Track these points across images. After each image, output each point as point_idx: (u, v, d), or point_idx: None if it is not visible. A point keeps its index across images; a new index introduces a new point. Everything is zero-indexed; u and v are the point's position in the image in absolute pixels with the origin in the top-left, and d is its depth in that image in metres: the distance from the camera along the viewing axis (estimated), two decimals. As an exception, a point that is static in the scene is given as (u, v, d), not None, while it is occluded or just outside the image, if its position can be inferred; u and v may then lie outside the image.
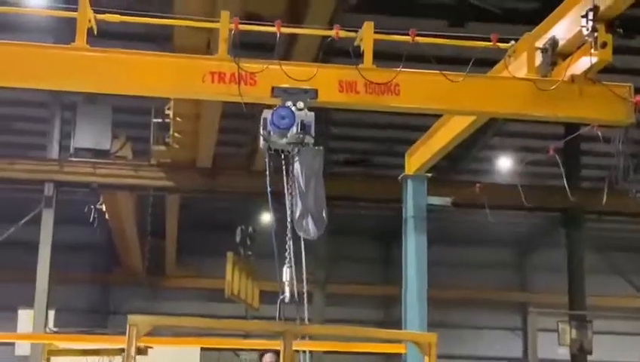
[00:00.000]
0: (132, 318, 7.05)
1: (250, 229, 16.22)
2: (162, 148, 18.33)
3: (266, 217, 19.48)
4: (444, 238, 23.10)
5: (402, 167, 13.54)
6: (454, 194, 14.14)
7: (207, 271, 25.27)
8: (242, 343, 17.13)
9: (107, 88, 8.46)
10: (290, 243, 7.65)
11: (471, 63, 8.43)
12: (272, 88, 8.07)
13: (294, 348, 6.85)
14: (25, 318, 19.55)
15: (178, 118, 16.66)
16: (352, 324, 20.77)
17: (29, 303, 18.77)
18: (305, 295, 7.87)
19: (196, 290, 26.16)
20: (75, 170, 18.94)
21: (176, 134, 17.45)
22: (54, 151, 19.38)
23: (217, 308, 23.01)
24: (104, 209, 20.85)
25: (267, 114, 7.81)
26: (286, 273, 7.41)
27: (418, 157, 12.94)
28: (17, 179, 19.05)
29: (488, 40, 8.66)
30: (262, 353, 9.38)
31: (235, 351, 19.72)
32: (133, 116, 19.89)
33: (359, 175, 22.54)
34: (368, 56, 8.50)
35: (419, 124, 15.33)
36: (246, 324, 9.43)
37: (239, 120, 17.41)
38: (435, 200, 13.49)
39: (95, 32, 8.14)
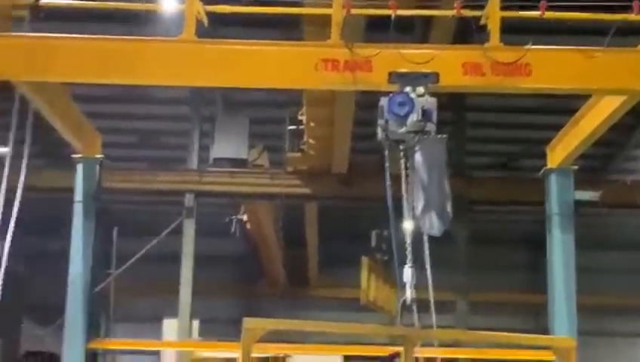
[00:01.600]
0: (247, 321, 6.73)
1: (385, 233, 15.56)
2: (298, 155, 18.04)
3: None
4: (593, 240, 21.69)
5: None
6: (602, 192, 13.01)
7: (350, 279, 24.72)
8: (386, 350, 16.45)
9: (215, 81, 8.09)
10: (409, 241, 7.00)
11: (610, 35, 7.52)
12: (389, 73, 7.45)
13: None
14: (170, 328, 19.67)
15: (312, 123, 16.31)
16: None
17: (174, 314, 18.85)
18: (432, 300, 7.19)
19: (339, 300, 25.65)
20: (214, 179, 18.91)
21: (310, 140, 17.10)
22: (194, 163, 19.48)
23: (362, 317, 22.47)
24: (245, 219, 20.75)
25: (384, 101, 7.20)
26: (407, 274, 6.76)
27: (562, 148, 11.82)
28: (159, 191, 19.20)
29: (629, 9, 7.71)
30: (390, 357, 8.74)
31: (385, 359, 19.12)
32: (269, 126, 19.73)
33: (501, 178, 21.50)
34: (495, 35, 7.75)
35: (559, 123, 14.29)
36: (362, 328, 8.83)
37: (373, 127, 16.91)
38: (583, 195, 12.37)
39: (205, 24, 7.79)
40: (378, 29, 8.28)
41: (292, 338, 14.69)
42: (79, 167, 11.67)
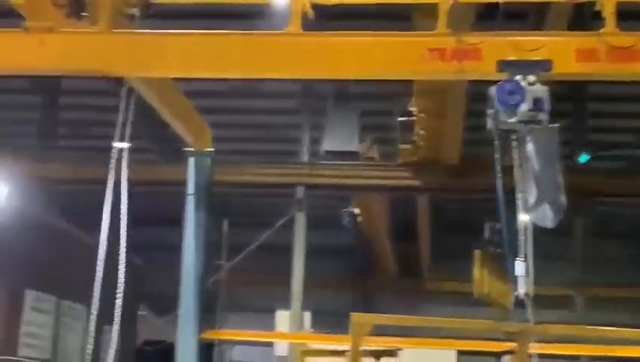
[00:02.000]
0: (355, 316, 6.71)
1: (498, 225, 15.22)
2: (408, 146, 17.89)
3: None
4: None
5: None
6: None
7: (463, 273, 24.40)
8: (499, 346, 16.12)
9: (323, 73, 8.07)
10: (524, 233, 6.81)
11: None
12: (498, 62, 7.26)
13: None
14: (282, 320, 19.90)
15: (422, 115, 16.14)
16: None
17: (286, 305, 19.03)
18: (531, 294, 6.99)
19: (451, 293, 25.34)
20: (325, 172, 18.95)
21: (421, 132, 16.93)
22: (305, 156, 19.58)
23: (475, 311, 22.14)
24: (356, 212, 20.76)
25: (494, 90, 7.04)
26: (519, 267, 6.58)
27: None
28: (269, 183, 19.38)
29: None
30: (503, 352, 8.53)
31: (498, 355, 18.76)
32: (379, 118, 19.64)
33: (621, 170, 20.79)
34: (610, 20, 7.43)
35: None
36: (473, 324, 8.64)
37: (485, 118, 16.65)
38: None
39: (311, 17, 7.78)
40: (487, 18, 8.11)
41: (403, 332, 14.60)
42: (191, 161, 11.90)
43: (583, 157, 19.19)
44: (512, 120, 7.00)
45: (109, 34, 7.75)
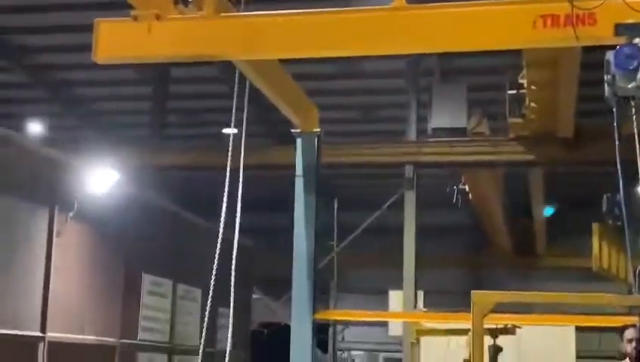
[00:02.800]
0: (476, 294, 6.55)
1: (617, 197, 14.73)
2: (519, 120, 17.50)
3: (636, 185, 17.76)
4: None
5: None
6: None
7: (579, 248, 23.82)
8: (619, 320, 15.63)
9: (428, 47, 7.93)
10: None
11: None
12: (615, 25, 6.97)
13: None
14: (395, 299, 19.88)
15: (533, 87, 15.73)
16: None
17: (399, 285, 18.99)
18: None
19: (568, 269, 24.79)
20: (434, 150, 18.77)
21: (532, 104, 16.51)
22: (412, 134, 19.43)
23: (592, 287, 21.58)
24: (467, 189, 20.51)
25: (610, 55, 6.75)
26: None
27: None
28: (378, 163, 19.33)
29: None
30: (623, 328, 8.22)
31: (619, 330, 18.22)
32: (487, 93, 19.29)
33: None
34: None
35: None
36: (593, 298, 8.33)
37: (599, 87, 16.13)
38: None
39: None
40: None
41: (519, 309, 14.33)
42: (299, 142, 11.91)
43: None
44: (631, 85, 6.69)
45: (215, 18, 7.81)
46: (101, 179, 10.74)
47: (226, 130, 21.33)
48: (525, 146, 18.07)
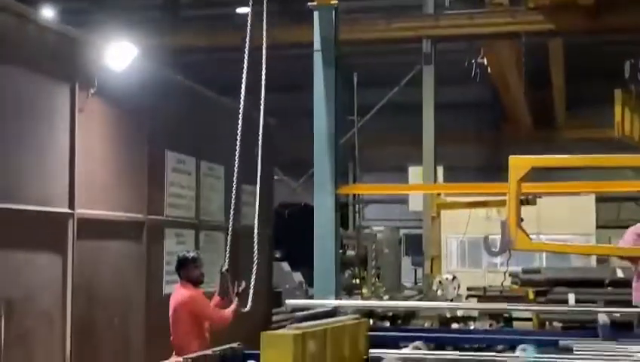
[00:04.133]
0: (513, 159, 6.68)
1: (640, 63, 14.76)
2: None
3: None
4: None
5: None
6: None
7: (599, 119, 23.89)
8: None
9: None
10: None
11: None
12: None
13: None
14: (415, 175, 20.17)
15: (553, -47, 15.56)
16: None
17: (418, 162, 19.23)
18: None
19: (589, 141, 24.87)
20: (452, 22, 18.72)
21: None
22: (430, 7, 19.29)
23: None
24: (486, 63, 20.47)
25: None
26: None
27: None
28: (395, 39, 19.31)
29: None
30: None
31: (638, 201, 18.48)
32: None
33: None
34: None
35: None
36: (634, 160, 8.39)
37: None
38: None
39: None
40: None
41: (537, 178, 14.51)
42: (316, 15, 11.85)
43: None
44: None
45: None
46: (120, 54, 10.79)
47: (240, 10, 21.23)
48: (545, 15, 17.98)
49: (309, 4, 12.03)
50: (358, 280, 16.70)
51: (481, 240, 15.03)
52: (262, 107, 8.92)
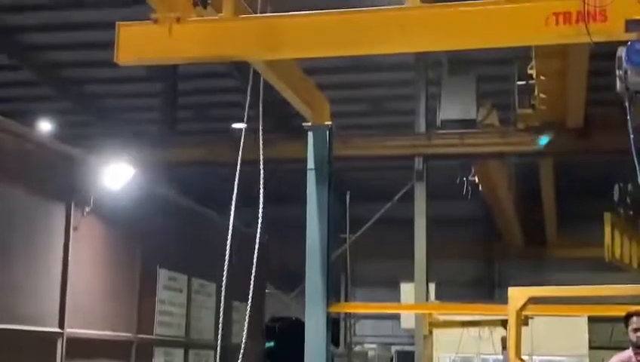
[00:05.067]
0: (512, 291, 6.91)
1: (629, 187, 15.02)
2: (529, 111, 17.76)
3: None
4: None
5: None
6: None
7: (589, 238, 24.08)
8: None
9: (442, 45, 8.21)
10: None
11: None
12: (626, 22, 7.24)
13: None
14: (407, 292, 20.16)
15: (542, 77, 15.97)
16: None
17: (410, 277, 19.26)
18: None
19: (580, 260, 25.05)
20: (443, 141, 19.04)
21: (541, 95, 16.76)
22: (422, 126, 19.67)
23: (605, 277, 21.83)
24: (477, 181, 20.76)
25: (621, 51, 7.03)
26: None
27: None
28: (388, 156, 19.61)
29: None
30: (628, 314, 8.41)
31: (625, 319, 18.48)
32: (496, 84, 19.56)
33: None
34: None
35: None
36: (616, 289, 8.58)
37: (609, 77, 16.43)
38: None
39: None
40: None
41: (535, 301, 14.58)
42: (310, 135, 12.14)
43: None
44: (643, 80, 6.94)
45: (234, 20, 8.10)
46: (116, 174, 11.02)
47: (236, 125, 21.59)
48: (535, 137, 18.33)
49: (304, 124, 12.33)
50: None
51: (473, 359, 14.91)
52: (259, 224, 9.07)
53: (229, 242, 8.41)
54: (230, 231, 8.50)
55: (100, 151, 12.53)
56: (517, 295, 6.75)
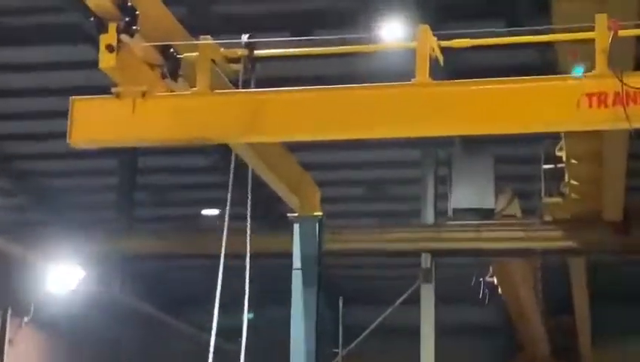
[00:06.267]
0: None
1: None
2: (557, 200, 17.90)
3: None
4: None
5: None
6: None
7: (629, 352, 24.04)
8: None
9: (457, 129, 8.34)
10: None
11: None
12: (671, 105, 7.41)
13: None
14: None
15: (573, 160, 16.14)
16: None
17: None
18: None
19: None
20: (455, 235, 19.12)
21: (572, 181, 16.92)
22: (430, 216, 19.77)
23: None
24: (495, 281, 20.80)
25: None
26: None
27: None
28: (389, 252, 19.64)
29: None
30: None
31: None
32: (518, 167, 19.76)
33: None
34: None
35: None
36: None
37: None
38: None
39: (441, 63, 8.08)
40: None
41: None
42: (296, 228, 12.16)
43: None
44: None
45: (210, 95, 8.15)
46: (62, 276, 11.03)
47: (206, 212, 21.69)
48: (565, 231, 18.44)
49: (289, 215, 12.38)
50: None
51: None
52: (244, 330, 9.07)
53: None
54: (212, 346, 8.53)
55: (43, 247, 12.55)
56: None
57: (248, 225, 9.44)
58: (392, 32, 16.33)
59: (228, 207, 9.45)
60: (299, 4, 17.02)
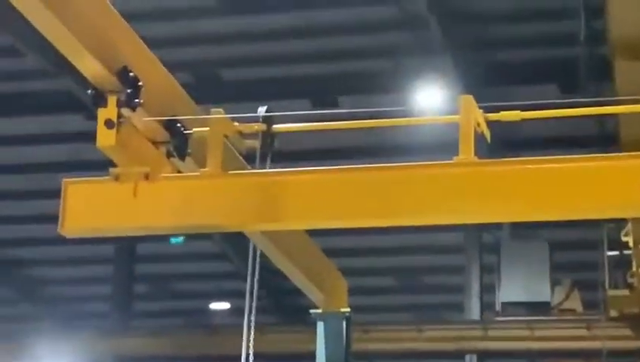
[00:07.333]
0: None
1: None
2: (624, 292, 17.84)
3: None
4: None
5: None
6: None
7: None
8: None
9: (510, 215, 8.31)
10: None
11: None
12: None
13: None
14: None
15: (643, 247, 16.16)
16: None
17: None
18: None
19: None
20: (505, 333, 19.03)
21: (640, 270, 16.92)
22: (475, 311, 19.69)
23: None
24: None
25: None
26: None
27: None
28: (427, 352, 19.55)
29: None
30: None
31: None
32: (578, 253, 19.73)
33: None
34: None
35: None
36: None
37: None
38: None
39: (488, 140, 8.09)
40: None
41: None
42: (320, 326, 12.14)
43: None
44: None
45: (222, 177, 8.16)
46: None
47: (215, 305, 21.74)
48: (634, 329, 18.31)
49: (312, 311, 12.40)
50: None
51: None
52: None
53: None
54: None
55: (29, 345, 12.61)
56: None
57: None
58: (428, 96, 16.49)
59: (248, 301, 9.40)
60: (320, 67, 17.21)
